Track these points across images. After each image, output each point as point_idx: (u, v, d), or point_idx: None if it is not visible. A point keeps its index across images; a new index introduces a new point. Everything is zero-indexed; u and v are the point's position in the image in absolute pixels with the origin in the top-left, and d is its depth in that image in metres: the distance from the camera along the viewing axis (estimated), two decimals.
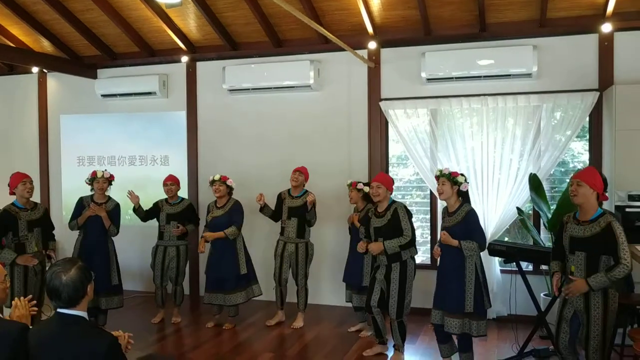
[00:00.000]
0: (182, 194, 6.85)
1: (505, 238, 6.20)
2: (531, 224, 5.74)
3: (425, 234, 6.37)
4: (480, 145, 5.86)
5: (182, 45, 6.71)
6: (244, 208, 5.80)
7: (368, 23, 5.90)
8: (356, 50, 5.88)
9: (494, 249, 5.11)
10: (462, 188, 4.28)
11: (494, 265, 5.80)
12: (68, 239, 5.83)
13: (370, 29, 6.00)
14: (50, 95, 7.75)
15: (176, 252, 5.87)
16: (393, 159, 6.55)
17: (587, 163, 5.74)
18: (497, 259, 5.75)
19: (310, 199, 5.57)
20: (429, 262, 6.24)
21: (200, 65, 7.03)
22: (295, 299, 5.84)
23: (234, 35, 6.56)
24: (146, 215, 5.93)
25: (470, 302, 4.18)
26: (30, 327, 2.51)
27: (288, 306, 5.94)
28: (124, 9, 6.28)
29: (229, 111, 6.92)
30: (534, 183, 5.47)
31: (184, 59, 6.92)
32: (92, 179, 5.54)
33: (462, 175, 4.31)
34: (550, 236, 5.42)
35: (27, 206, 5.04)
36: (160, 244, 5.91)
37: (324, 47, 6.33)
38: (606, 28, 5.46)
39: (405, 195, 6.55)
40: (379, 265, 4.73)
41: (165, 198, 5.97)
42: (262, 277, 6.22)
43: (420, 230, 6.31)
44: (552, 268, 3.91)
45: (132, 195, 5.82)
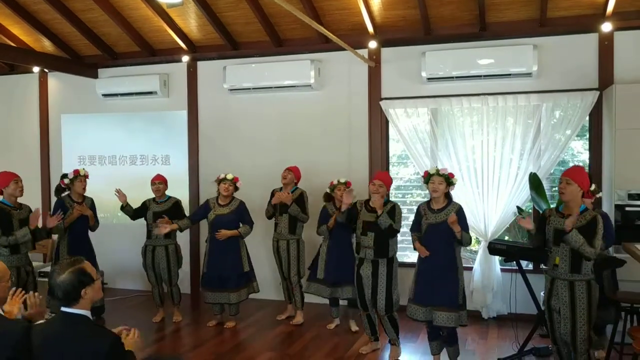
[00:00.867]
0: (183, 192, 6.89)
1: (505, 237, 6.21)
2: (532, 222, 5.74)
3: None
4: (481, 144, 5.88)
5: (183, 45, 6.72)
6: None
7: (368, 22, 5.91)
8: (357, 50, 5.89)
9: (495, 248, 5.13)
10: (451, 190, 4.46)
11: (494, 264, 5.82)
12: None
13: (370, 29, 6.02)
14: (51, 94, 7.76)
15: (165, 253, 5.85)
16: (394, 158, 6.56)
17: (587, 162, 5.76)
18: (498, 258, 5.77)
19: (281, 197, 5.65)
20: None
21: (201, 65, 7.04)
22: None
23: (234, 35, 6.57)
24: (135, 213, 5.92)
25: (462, 295, 4.36)
26: (34, 325, 2.53)
27: None
28: (125, 8, 6.29)
29: (229, 111, 6.93)
30: (534, 182, 5.49)
31: (185, 58, 6.93)
32: (75, 177, 5.55)
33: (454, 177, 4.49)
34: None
35: (15, 205, 4.99)
36: (148, 244, 5.90)
37: (324, 47, 6.34)
38: (606, 27, 5.47)
39: (406, 194, 6.57)
40: (362, 260, 4.73)
41: (153, 197, 5.96)
42: (264, 276, 6.25)
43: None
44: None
45: (120, 193, 5.82)
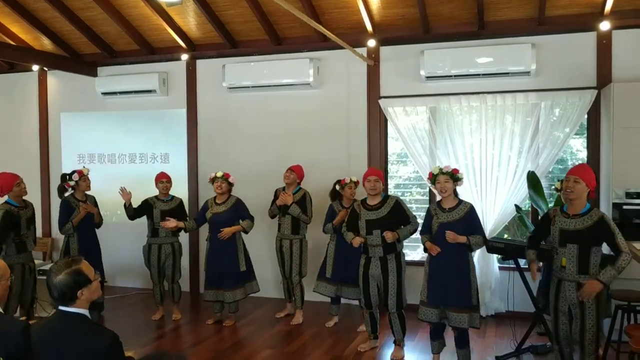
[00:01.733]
0: (183, 191, 6.90)
1: (505, 235, 6.23)
2: (529, 221, 5.76)
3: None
4: (479, 143, 5.89)
5: (182, 43, 6.73)
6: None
7: (367, 21, 5.92)
8: (355, 48, 5.90)
9: (493, 246, 5.12)
10: (460, 185, 4.39)
11: (492, 262, 5.84)
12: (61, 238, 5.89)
13: (369, 27, 6.02)
14: (50, 93, 7.77)
15: (171, 250, 5.88)
16: (393, 157, 6.57)
17: (586, 160, 5.77)
18: (496, 256, 5.78)
19: (282, 199, 5.66)
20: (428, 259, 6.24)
21: (200, 63, 7.05)
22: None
23: (233, 34, 6.58)
24: (135, 213, 5.87)
25: (476, 296, 4.29)
26: (32, 324, 2.54)
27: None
28: (124, 7, 6.29)
29: (228, 109, 6.94)
30: (532, 180, 5.50)
31: (184, 57, 6.94)
32: (80, 177, 5.63)
33: (460, 172, 4.41)
34: None
35: (22, 204, 5.06)
36: (153, 242, 5.87)
37: (323, 45, 6.34)
38: (604, 26, 5.48)
39: (405, 193, 6.58)
40: (369, 259, 4.73)
41: (155, 195, 5.95)
42: (264, 274, 6.25)
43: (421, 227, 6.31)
44: (529, 256, 4.08)
45: (124, 192, 5.82)
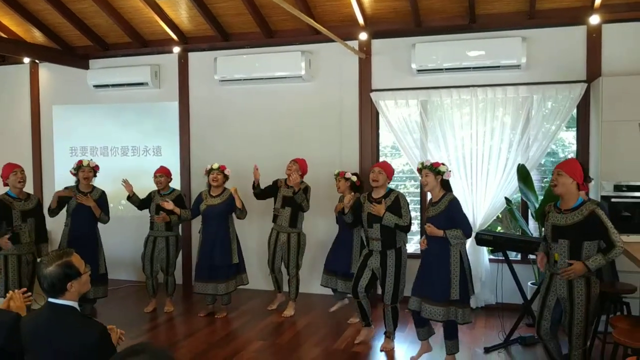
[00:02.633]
0: (175, 183, 6.90)
1: (497, 228, 6.28)
2: (519, 214, 5.81)
3: (417, 223, 6.42)
4: (470, 136, 5.92)
5: (174, 36, 6.71)
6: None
7: (359, 14, 5.92)
8: (347, 41, 5.91)
9: (482, 238, 5.19)
10: (445, 177, 4.38)
11: (482, 255, 5.88)
12: (59, 230, 5.87)
13: (361, 20, 6.03)
14: (42, 85, 7.74)
15: (165, 243, 5.91)
16: (386, 149, 6.59)
17: (575, 153, 5.81)
18: (486, 249, 5.83)
19: (291, 179, 5.61)
20: (420, 252, 6.29)
21: (192, 56, 7.04)
22: (287, 287, 5.92)
23: (225, 26, 6.57)
24: (141, 203, 5.99)
25: (456, 290, 4.24)
26: (22, 316, 2.56)
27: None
28: None
29: (220, 102, 6.94)
30: (522, 174, 5.54)
31: (176, 49, 6.93)
32: (78, 167, 5.66)
33: (444, 164, 4.40)
34: (538, 226, 5.51)
35: (21, 196, 5.09)
36: (150, 235, 5.97)
37: (315, 38, 6.34)
38: (594, 20, 5.50)
39: (399, 185, 6.61)
40: (370, 252, 4.77)
41: (157, 189, 6.02)
42: (255, 266, 6.29)
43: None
44: (540, 249, 4.04)
45: (127, 183, 5.89)
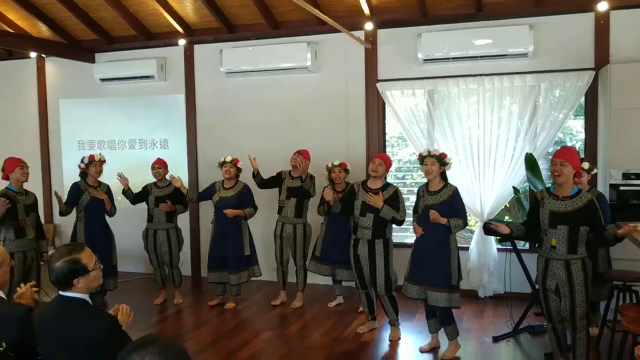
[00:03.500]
0: (183, 175, 6.91)
1: (505, 217, 6.26)
2: (527, 203, 5.79)
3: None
4: (477, 125, 5.89)
5: (180, 29, 6.71)
6: None
7: (364, 4, 5.88)
8: (353, 32, 5.88)
9: (489, 228, 5.16)
10: (447, 169, 4.47)
11: (490, 244, 5.87)
12: (69, 224, 5.92)
13: (366, 10, 5.99)
14: (49, 80, 7.77)
15: (166, 236, 5.91)
16: (393, 139, 6.57)
17: (584, 142, 5.77)
18: (494, 238, 5.82)
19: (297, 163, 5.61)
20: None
21: (197, 48, 7.03)
22: (295, 279, 5.94)
23: (230, 18, 6.55)
24: (135, 197, 5.98)
25: (455, 276, 4.39)
26: (34, 309, 2.59)
27: (289, 286, 6.02)
28: None
29: (226, 94, 6.94)
30: (530, 162, 5.50)
31: (182, 42, 6.93)
32: (90, 162, 5.65)
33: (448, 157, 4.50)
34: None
35: (22, 191, 5.06)
36: (149, 227, 5.96)
37: (320, 29, 6.30)
38: (602, 6, 5.44)
39: (406, 175, 6.60)
40: (357, 240, 4.80)
41: (154, 181, 6.00)
42: (262, 258, 6.30)
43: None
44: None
45: (122, 177, 5.88)
